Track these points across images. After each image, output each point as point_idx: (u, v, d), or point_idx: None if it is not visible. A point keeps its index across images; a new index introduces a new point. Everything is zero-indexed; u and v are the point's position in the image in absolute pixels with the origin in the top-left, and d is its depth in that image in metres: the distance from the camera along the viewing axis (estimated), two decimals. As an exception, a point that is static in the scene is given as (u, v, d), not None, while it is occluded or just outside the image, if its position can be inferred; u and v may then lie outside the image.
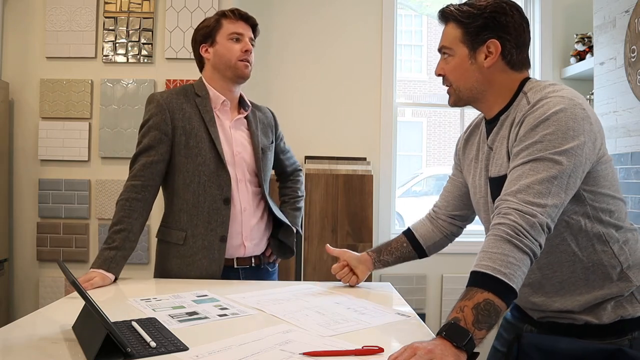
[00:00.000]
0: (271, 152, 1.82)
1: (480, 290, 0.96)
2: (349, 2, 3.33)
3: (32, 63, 2.90)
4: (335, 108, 3.30)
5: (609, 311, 1.14)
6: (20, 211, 2.91)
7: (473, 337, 0.91)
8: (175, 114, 1.64)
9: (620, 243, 1.15)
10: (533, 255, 1.01)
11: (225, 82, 1.70)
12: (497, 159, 1.20)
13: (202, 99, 1.68)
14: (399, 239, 1.57)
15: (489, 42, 1.18)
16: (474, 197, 1.34)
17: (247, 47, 1.67)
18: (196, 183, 1.64)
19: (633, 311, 1.14)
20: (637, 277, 1.16)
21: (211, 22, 1.69)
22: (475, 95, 1.24)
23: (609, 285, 1.14)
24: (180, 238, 1.65)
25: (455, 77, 1.24)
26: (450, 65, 1.24)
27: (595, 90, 2.70)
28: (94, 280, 1.47)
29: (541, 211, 1.02)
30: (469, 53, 1.21)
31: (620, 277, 1.14)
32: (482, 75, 1.21)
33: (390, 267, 1.59)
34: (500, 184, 1.14)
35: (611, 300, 1.15)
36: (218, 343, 1.01)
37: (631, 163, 2.37)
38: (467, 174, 1.39)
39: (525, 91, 1.19)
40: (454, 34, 1.22)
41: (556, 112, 1.07)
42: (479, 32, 1.19)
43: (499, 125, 1.22)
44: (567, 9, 3.35)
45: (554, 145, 1.05)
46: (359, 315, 1.22)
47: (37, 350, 0.97)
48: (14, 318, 2.59)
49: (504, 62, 1.20)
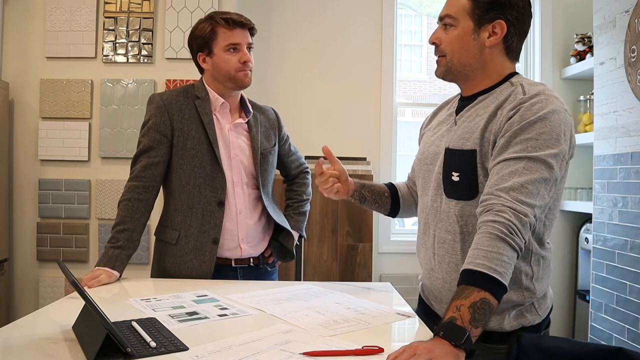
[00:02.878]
0: (273, 155, 1.80)
1: (476, 289, 0.97)
2: (349, 2, 3.33)
3: (32, 63, 2.90)
4: (335, 108, 3.30)
5: (510, 319, 1.18)
6: (20, 211, 2.91)
7: (470, 335, 0.92)
8: (174, 115, 1.64)
9: (538, 257, 1.19)
10: (520, 252, 1.04)
11: (224, 90, 1.69)
12: (463, 132, 1.20)
13: (201, 100, 1.67)
14: (382, 187, 1.55)
15: (496, 22, 1.18)
16: (421, 162, 1.33)
17: (245, 57, 1.64)
18: (192, 185, 1.64)
19: (532, 319, 1.20)
20: (540, 289, 1.20)
21: (206, 32, 1.63)
22: (466, 72, 1.23)
23: (515, 291, 1.17)
24: (173, 238, 1.65)
25: (453, 49, 1.21)
26: (450, 36, 1.21)
27: (595, 90, 2.69)
28: (100, 277, 1.50)
29: (531, 211, 1.04)
30: (473, 27, 1.19)
31: (527, 285, 1.18)
32: (479, 53, 1.20)
33: (391, 267, 1.59)
34: (461, 156, 1.17)
35: (512, 309, 1.18)
36: (218, 343, 1.01)
37: (631, 163, 2.37)
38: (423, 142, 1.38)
39: (514, 82, 1.20)
40: (462, 4, 1.19)
41: (553, 112, 1.09)
42: (489, 9, 1.18)
43: (475, 103, 1.23)
44: (567, 9, 3.35)
45: (547, 146, 1.07)
46: (359, 315, 1.22)
47: (37, 350, 0.97)
48: (14, 318, 2.59)
49: (503, 46, 1.21)
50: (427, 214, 1.29)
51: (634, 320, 2.31)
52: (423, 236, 1.32)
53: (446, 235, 1.23)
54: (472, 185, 1.17)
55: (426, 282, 1.35)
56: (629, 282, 2.36)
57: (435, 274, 1.27)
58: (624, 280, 2.39)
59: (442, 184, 1.23)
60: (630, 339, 2.32)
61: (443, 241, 1.24)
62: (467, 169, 1.17)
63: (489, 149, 1.15)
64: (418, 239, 1.37)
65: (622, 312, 2.39)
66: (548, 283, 1.25)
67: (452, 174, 1.20)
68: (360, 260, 2.96)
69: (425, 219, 1.30)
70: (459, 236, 1.20)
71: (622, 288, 2.40)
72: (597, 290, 2.61)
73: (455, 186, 1.20)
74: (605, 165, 2.56)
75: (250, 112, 1.75)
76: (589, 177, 2.78)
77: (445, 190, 1.23)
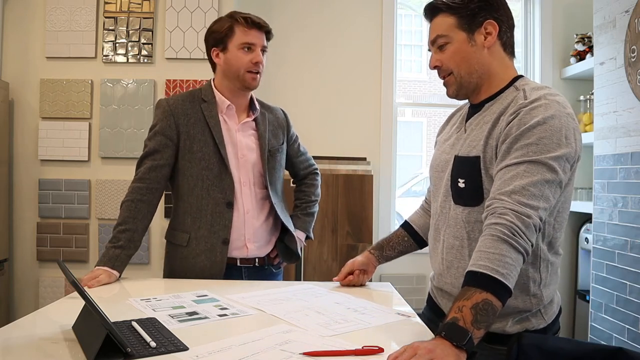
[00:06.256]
0: (281, 153, 1.80)
1: (478, 290, 0.97)
2: (349, 2, 3.33)
3: (32, 63, 2.90)
4: (335, 108, 3.30)
5: (514, 323, 1.18)
6: (20, 211, 2.91)
7: (472, 337, 0.92)
8: (180, 119, 1.66)
9: (547, 263, 1.19)
10: (526, 254, 1.04)
11: (233, 89, 1.70)
12: (471, 140, 1.22)
13: (207, 104, 1.68)
14: (398, 233, 1.57)
15: (486, 22, 1.21)
16: (433, 169, 1.36)
17: (258, 58, 1.66)
18: (200, 187, 1.65)
19: (537, 324, 1.21)
20: (547, 295, 1.21)
21: (224, 27, 1.65)
22: (476, 80, 1.24)
23: (523, 298, 1.17)
24: (184, 240, 1.66)
25: (456, 62, 1.23)
26: (448, 53, 1.23)
27: (595, 90, 2.69)
28: (100, 277, 1.51)
29: (534, 213, 1.04)
30: (467, 36, 1.21)
31: (535, 292, 1.18)
32: (482, 58, 1.22)
33: (390, 267, 1.60)
34: (467, 163, 1.18)
35: (518, 314, 1.19)
36: (218, 343, 1.01)
37: (631, 163, 2.37)
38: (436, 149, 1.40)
39: (518, 86, 1.21)
40: (447, 23, 1.22)
41: (552, 117, 1.09)
42: (475, 14, 1.20)
43: (482, 111, 1.24)
44: (567, 9, 3.35)
45: (548, 150, 1.07)
46: (359, 315, 1.22)
47: (37, 350, 0.97)
48: (14, 318, 2.59)
49: (500, 42, 1.23)
50: (437, 220, 1.31)
51: (634, 320, 2.31)
52: (434, 241, 1.34)
53: (454, 241, 1.24)
54: (477, 191, 1.18)
55: (436, 285, 1.36)
56: (629, 282, 2.36)
57: (444, 278, 1.28)
58: (624, 280, 2.39)
59: (450, 191, 1.25)
60: (630, 339, 2.32)
61: (451, 247, 1.25)
62: (472, 176, 1.18)
63: (492, 155, 1.16)
64: (430, 244, 1.38)
65: (622, 312, 2.39)
66: (555, 289, 1.25)
67: (458, 181, 1.21)
68: (360, 260, 2.95)
69: (436, 225, 1.32)
70: (467, 242, 1.21)
71: (622, 288, 2.40)
72: (597, 290, 2.61)
73: (462, 192, 1.21)
74: (605, 165, 2.56)
75: (257, 110, 1.75)
76: (589, 177, 2.78)
77: (453, 197, 1.24)
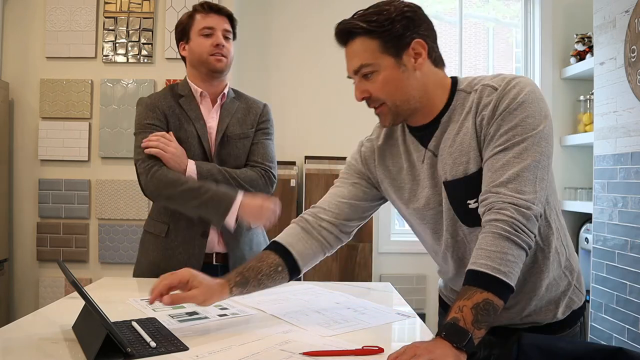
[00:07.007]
0: (242, 141, 1.71)
1: (479, 289, 0.96)
2: (349, 2, 3.30)
3: (32, 63, 2.90)
4: (335, 108, 3.29)
5: (563, 307, 1.19)
6: (20, 211, 2.91)
7: (473, 337, 0.91)
8: (165, 111, 1.66)
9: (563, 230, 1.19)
10: (528, 248, 1.02)
11: (203, 77, 1.69)
12: (455, 159, 1.12)
13: (185, 97, 1.68)
14: (271, 261, 1.20)
15: (414, 42, 1.10)
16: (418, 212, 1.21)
17: (218, 40, 1.64)
18: None
19: (579, 300, 1.22)
20: (575, 264, 1.20)
21: (185, 18, 1.69)
22: (414, 105, 1.14)
23: (560, 275, 1.17)
24: (162, 230, 1.66)
25: (389, 92, 1.11)
26: (378, 83, 1.11)
27: (595, 90, 2.69)
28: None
29: (533, 199, 1.01)
30: (395, 61, 1.09)
31: (566, 264, 1.18)
32: (416, 81, 1.12)
33: (391, 267, 1.58)
34: (461, 185, 1.10)
35: (563, 296, 1.19)
36: (218, 343, 1.01)
37: (631, 163, 2.37)
38: (391, 190, 1.26)
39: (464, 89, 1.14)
40: (369, 48, 1.09)
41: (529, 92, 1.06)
42: (400, 35, 1.08)
43: (441, 129, 1.15)
44: (567, 9, 3.35)
45: (532, 128, 1.05)
46: (359, 315, 1.23)
47: (37, 350, 0.97)
48: (14, 318, 2.58)
49: (429, 60, 1.13)
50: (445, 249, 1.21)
51: (634, 320, 2.31)
52: (443, 264, 1.27)
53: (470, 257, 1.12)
54: None
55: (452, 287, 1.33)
56: (629, 282, 2.36)
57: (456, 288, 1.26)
58: (624, 280, 2.39)
59: (457, 217, 1.15)
60: (630, 339, 2.32)
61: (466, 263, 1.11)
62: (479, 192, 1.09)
63: None
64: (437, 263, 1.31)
65: (622, 312, 2.39)
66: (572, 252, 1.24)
67: (468, 203, 1.12)
68: (360, 260, 2.96)
69: (444, 254, 1.23)
70: None
71: (622, 288, 2.40)
72: (597, 290, 2.61)
73: (475, 212, 1.10)
74: (605, 165, 2.56)
75: (225, 97, 1.72)
76: (589, 177, 2.78)
77: (465, 222, 1.15)
